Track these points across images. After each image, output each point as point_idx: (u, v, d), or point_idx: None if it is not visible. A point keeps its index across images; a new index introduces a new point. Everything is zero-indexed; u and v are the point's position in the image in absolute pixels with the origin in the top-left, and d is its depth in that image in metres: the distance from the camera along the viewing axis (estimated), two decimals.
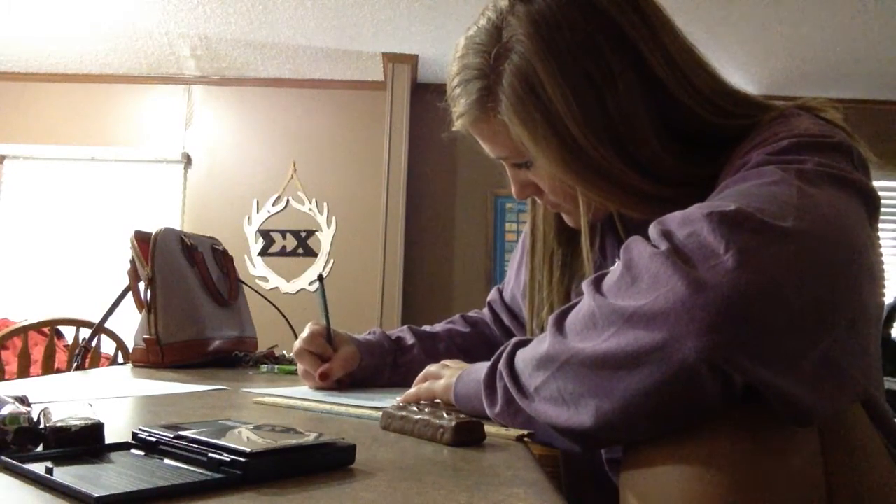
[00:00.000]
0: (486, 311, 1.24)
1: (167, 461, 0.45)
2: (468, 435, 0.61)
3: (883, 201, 0.67)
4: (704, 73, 0.75)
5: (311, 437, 0.49)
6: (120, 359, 2.31)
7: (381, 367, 1.10)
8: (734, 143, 0.72)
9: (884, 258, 0.72)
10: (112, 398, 0.84)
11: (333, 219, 4.41)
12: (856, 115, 4.43)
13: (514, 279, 1.15)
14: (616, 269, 0.57)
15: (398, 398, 0.84)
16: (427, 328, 1.19)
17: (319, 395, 0.91)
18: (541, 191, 0.83)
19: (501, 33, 0.74)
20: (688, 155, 0.74)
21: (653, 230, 0.56)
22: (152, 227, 1.42)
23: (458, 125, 0.81)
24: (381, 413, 0.69)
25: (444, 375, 0.82)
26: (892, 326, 2.83)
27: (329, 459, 0.48)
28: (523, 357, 0.65)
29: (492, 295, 1.23)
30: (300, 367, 1.06)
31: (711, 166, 0.72)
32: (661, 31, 0.74)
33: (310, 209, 4.41)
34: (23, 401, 0.51)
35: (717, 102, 0.74)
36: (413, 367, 1.10)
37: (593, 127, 0.71)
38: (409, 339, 1.15)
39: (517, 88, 0.72)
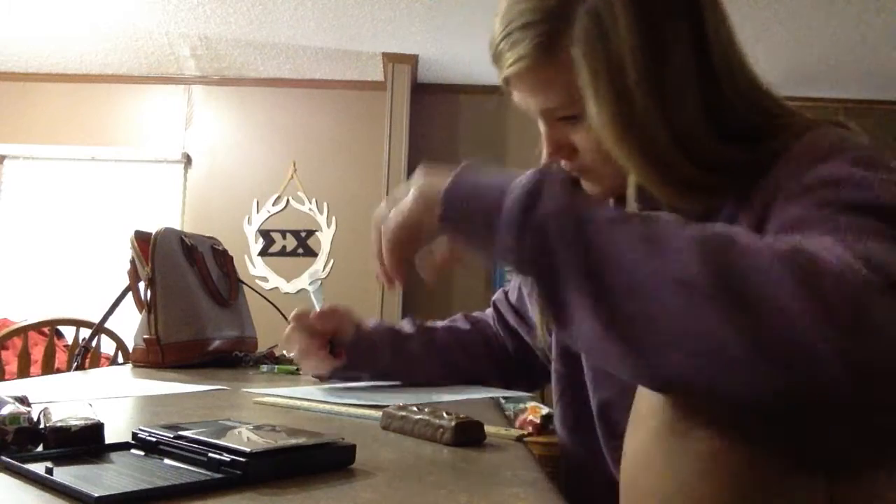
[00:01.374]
0: (490, 311, 1.23)
1: (167, 461, 0.45)
2: (468, 435, 0.61)
3: None
4: (740, 58, 0.76)
5: (311, 437, 0.49)
6: (120, 359, 2.31)
7: (380, 345, 1.08)
8: (760, 140, 0.71)
9: None
10: (112, 398, 0.84)
11: (333, 219, 4.41)
12: (856, 115, 4.43)
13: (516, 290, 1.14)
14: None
15: (394, 402, 0.77)
16: (428, 323, 1.18)
17: (319, 395, 0.91)
18: (575, 152, 0.79)
19: None
20: (723, 143, 0.72)
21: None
22: (152, 227, 1.42)
23: (510, 71, 0.76)
24: (381, 413, 0.69)
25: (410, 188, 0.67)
26: None
27: (329, 459, 0.48)
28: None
29: (497, 295, 1.22)
30: (296, 351, 1.04)
31: (745, 156, 0.71)
32: (716, 6, 0.75)
33: (310, 209, 4.42)
34: (23, 401, 0.51)
35: (748, 95, 0.74)
36: (414, 357, 1.09)
37: (652, 87, 0.69)
38: (408, 328, 1.14)
39: (592, 32, 0.70)
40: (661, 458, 0.54)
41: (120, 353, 2.32)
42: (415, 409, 0.66)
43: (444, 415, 0.63)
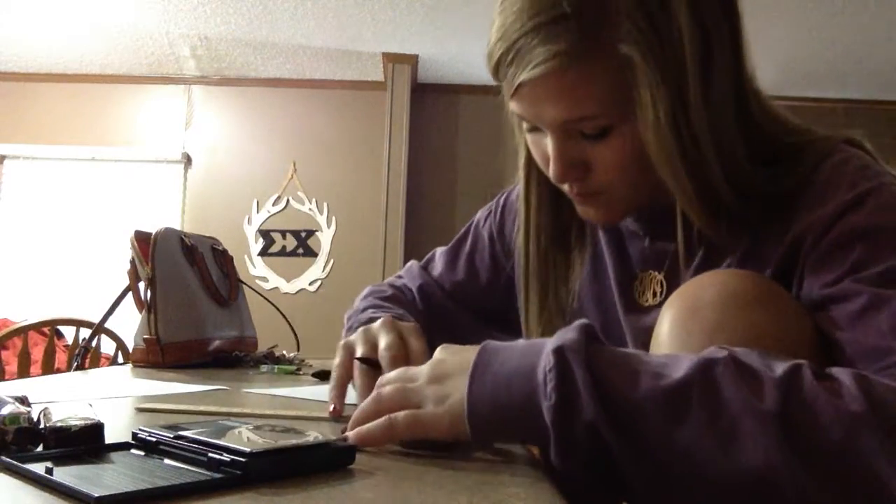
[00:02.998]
0: (410, 289, 1.03)
1: (167, 461, 0.45)
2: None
3: None
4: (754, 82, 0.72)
5: (311, 437, 0.49)
6: (120, 359, 2.31)
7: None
8: (783, 162, 0.68)
9: None
10: (112, 398, 0.84)
11: (333, 219, 4.41)
12: (856, 115, 4.43)
13: (465, 271, 1.01)
14: None
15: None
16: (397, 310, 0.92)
17: (319, 395, 0.91)
18: (587, 171, 0.70)
19: None
20: (753, 166, 0.67)
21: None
22: (152, 227, 1.42)
23: (537, 72, 0.63)
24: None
25: (426, 395, 0.55)
26: None
27: (329, 459, 0.48)
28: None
29: (423, 279, 1.02)
30: (364, 379, 0.71)
31: (773, 187, 0.67)
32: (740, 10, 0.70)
33: (310, 209, 4.42)
34: (23, 401, 0.51)
35: (768, 110, 0.71)
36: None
37: (705, 94, 0.63)
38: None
39: (647, 27, 0.62)
40: None
41: (120, 353, 2.32)
42: None
43: None
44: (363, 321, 0.83)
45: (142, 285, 1.40)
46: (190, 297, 1.41)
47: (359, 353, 0.71)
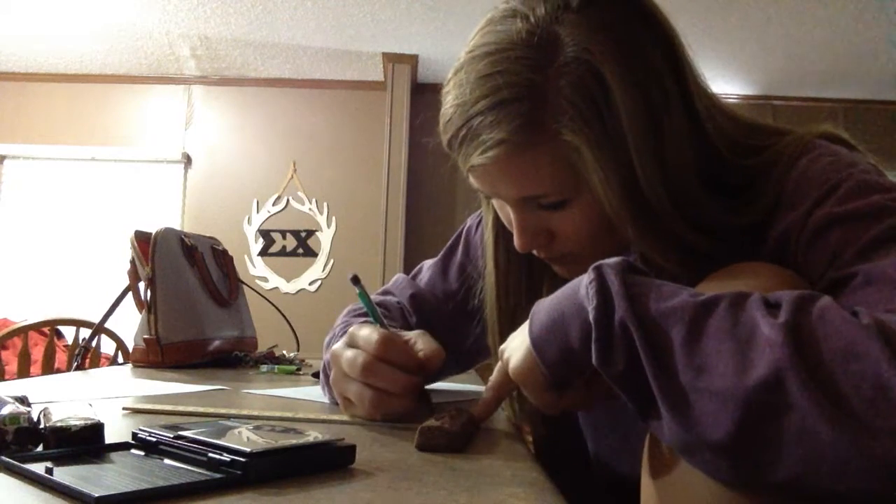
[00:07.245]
0: (399, 300, 1.01)
1: (167, 461, 0.45)
2: (433, 439, 0.57)
3: None
4: (720, 104, 0.71)
5: (311, 437, 0.49)
6: (120, 359, 2.31)
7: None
8: (757, 180, 0.68)
9: None
10: (112, 398, 0.84)
11: (333, 219, 4.41)
12: (856, 115, 4.43)
13: (459, 280, 1.01)
14: None
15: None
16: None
17: (306, 394, 0.91)
18: (552, 238, 0.72)
19: (559, 42, 0.63)
20: (723, 202, 0.67)
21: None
22: (152, 227, 1.42)
23: (488, 156, 0.65)
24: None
25: (512, 348, 0.63)
26: None
27: (329, 459, 0.48)
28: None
29: (413, 289, 1.02)
30: (365, 391, 0.70)
31: (751, 215, 0.66)
32: (684, 50, 0.70)
33: (310, 209, 4.42)
34: (23, 401, 0.51)
35: (737, 140, 0.70)
36: None
37: (653, 154, 0.64)
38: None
39: (584, 106, 0.62)
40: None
41: (120, 353, 2.32)
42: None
43: (434, 420, 0.60)
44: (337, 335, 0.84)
45: (142, 285, 1.40)
46: (190, 297, 1.41)
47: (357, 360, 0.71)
